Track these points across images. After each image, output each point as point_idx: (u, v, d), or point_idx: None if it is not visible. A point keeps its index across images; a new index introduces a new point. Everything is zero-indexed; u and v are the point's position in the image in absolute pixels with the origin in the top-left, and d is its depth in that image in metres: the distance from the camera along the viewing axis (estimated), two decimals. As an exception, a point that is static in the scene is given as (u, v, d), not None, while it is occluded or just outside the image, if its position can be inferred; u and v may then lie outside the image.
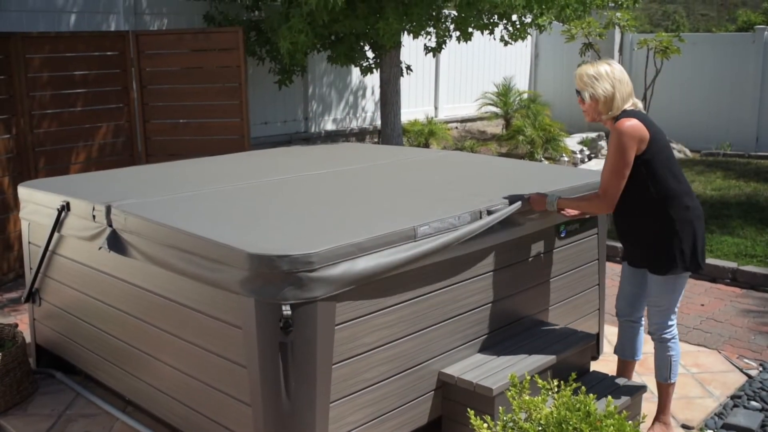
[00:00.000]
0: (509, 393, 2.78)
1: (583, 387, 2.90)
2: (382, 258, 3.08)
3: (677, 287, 3.65)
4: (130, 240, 3.49)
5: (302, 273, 2.85)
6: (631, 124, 3.46)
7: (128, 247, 3.51)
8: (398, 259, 3.13)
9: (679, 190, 3.55)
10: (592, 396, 2.75)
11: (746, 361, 4.70)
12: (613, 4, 9.10)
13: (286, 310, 2.83)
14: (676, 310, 3.72)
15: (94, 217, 3.73)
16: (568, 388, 2.81)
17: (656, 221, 3.56)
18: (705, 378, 4.45)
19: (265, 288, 2.86)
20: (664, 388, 3.79)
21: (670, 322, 3.70)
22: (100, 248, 3.64)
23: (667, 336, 3.72)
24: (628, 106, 3.57)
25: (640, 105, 3.61)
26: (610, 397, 2.86)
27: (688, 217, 3.55)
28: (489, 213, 3.57)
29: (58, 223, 4.03)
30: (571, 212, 3.84)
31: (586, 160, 10.51)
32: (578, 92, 3.62)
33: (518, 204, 3.70)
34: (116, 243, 3.58)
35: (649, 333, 3.79)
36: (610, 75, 3.55)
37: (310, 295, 2.87)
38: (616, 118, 3.54)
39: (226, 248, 2.94)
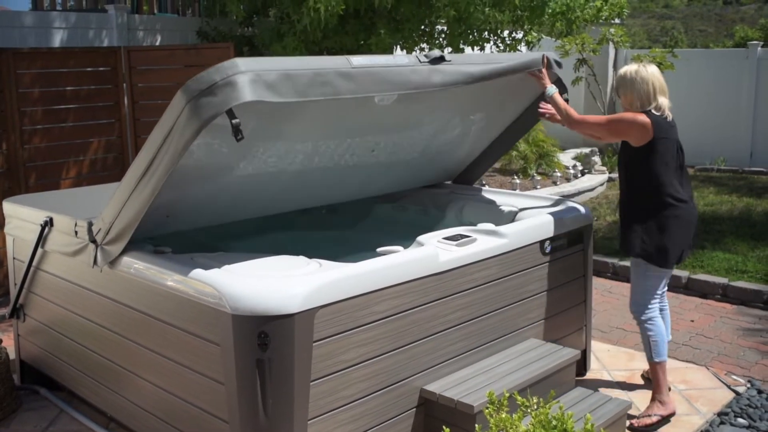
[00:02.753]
0: (486, 411, 2.76)
1: (561, 404, 2.89)
2: (317, 66, 3.09)
3: (647, 277, 4.11)
4: (111, 236, 3.49)
5: (235, 76, 2.85)
6: (643, 117, 3.96)
7: (111, 246, 3.51)
8: (330, 68, 3.13)
9: (673, 195, 3.97)
10: (570, 413, 2.73)
11: (734, 377, 4.68)
12: (600, 20, 9.15)
13: (235, 120, 2.86)
14: (652, 297, 4.12)
15: (76, 232, 3.73)
16: (547, 406, 2.80)
17: (640, 206, 4.04)
18: (692, 395, 4.42)
19: (209, 104, 2.84)
20: (653, 368, 4.14)
21: (642, 306, 4.13)
22: (95, 267, 3.64)
23: (641, 317, 4.14)
24: (651, 108, 4.00)
25: (664, 106, 4.03)
26: (588, 414, 2.84)
27: (665, 219, 3.98)
28: (426, 57, 3.56)
29: (41, 239, 4.02)
30: (547, 108, 4.33)
31: (579, 175, 10.51)
32: None
33: (532, 60, 4.10)
34: (104, 254, 3.58)
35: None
36: (632, 75, 4.04)
37: (249, 97, 2.85)
38: None
39: (169, 113, 2.99)
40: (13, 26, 6.94)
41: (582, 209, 4.43)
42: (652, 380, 4.16)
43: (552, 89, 4.22)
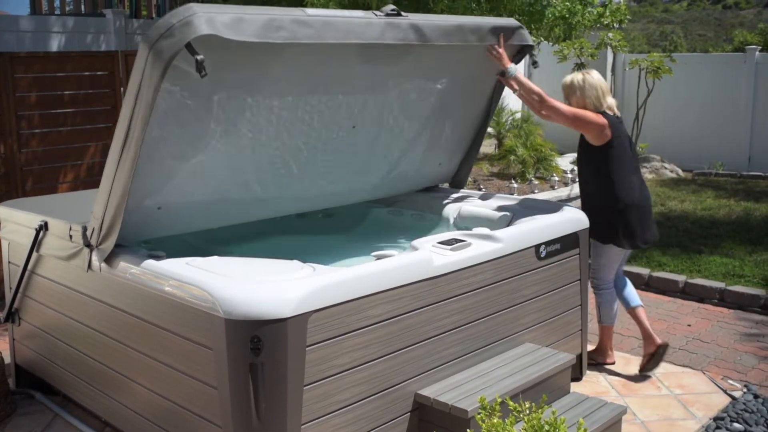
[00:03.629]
0: (478, 416, 2.76)
1: (554, 409, 2.88)
2: (271, 12, 3.25)
3: (601, 255, 4.66)
4: (104, 231, 3.50)
5: (191, 17, 3.00)
6: (603, 119, 4.41)
7: (105, 243, 3.51)
8: (285, 14, 3.26)
9: (624, 190, 4.44)
10: (563, 418, 2.73)
11: (731, 382, 4.67)
12: (600, 25, 9.15)
13: (199, 56, 2.98)
14: (608, 271, 4.69)
15: (70, 237, 3.73)
16: (540, 411, 2.79)
17: (597, 199, 4.54)
18: (688, 399, 4.42)
19: (170, 45, 2.99)
20: (601, 329, 4.86)
21: (599, 280, 4.73)
22: (89, 271, 3.63)
23: (598, 289, 4.77)
24: (604, 109, 4.45)
25: (613, 105, 4.49)
26: (581, 419, 2.84)
27: (615, 210, 4.46)
28: (382, 12, 3.68)
29: (36, 243, 4.02)
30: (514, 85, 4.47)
31: (577, 179, 10.50)
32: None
33: (501, 24, 4.24)
34: (99, 254, 3.58)
35: None
36: (579, 83, 4.47)
37: (206, 31, 2.98)
38: None
39: (136, 67, 3.15)
40: (11, 30, 6.96)
41: (578, 213, 4.43)
42: (599, 339, 4.88)
43: (513, 69, 4.35)
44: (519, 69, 4.35)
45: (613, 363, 4.87)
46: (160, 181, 3.54)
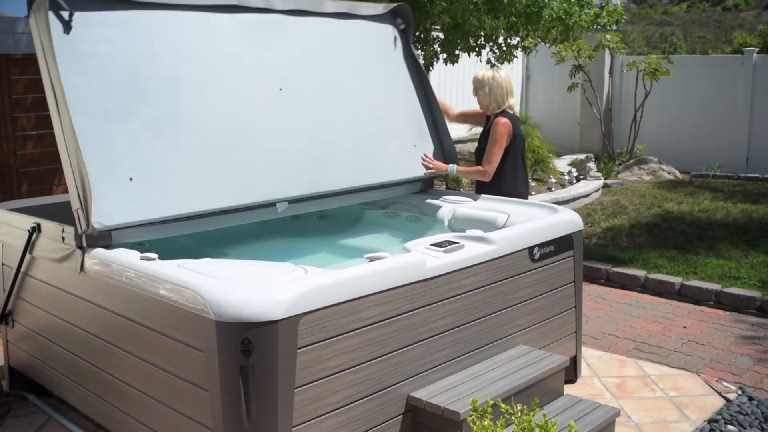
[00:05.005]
0: (470, 418, 2.75)
1: (546, 411, 2.88)
2: None
3: None
4: (85, 207, 3.55)
5: None
6: (506, 121, 4.85)
7: (88, 218, 3.53)
8: None
9: (519, 174, 4.95)
10: (554, 421, 2.72)
11: (725, 384, 4.66)
12: (598, 27, 9.16)
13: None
14: None
15: (63, 238, 3.73)
16: (531, 413, 2.79)
17: (493, 187, 4.90)
18: (682, 401, 4.41)
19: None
20: None
21: None
22: (81, 273, 3.64)
23: None
24: (506, 107, 4.90)
25: (513, 104, 4.94)
26: (572, 422, 2.83)
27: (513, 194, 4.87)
28: None
29: (29, 245, 4.02)
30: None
31: (575, 181, 10.51)
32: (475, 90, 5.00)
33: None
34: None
35: None
36: (489, 80, 4.89)
37: None
38: (497, 114, 4.91)
39: (34, 36, 3.71)
40: (6, 32, 6.95)
41: (572, 215, 4.42)
42: None
43: (452, 169, 4.92)
44: (455, 166, 4.96)
45: None
46: (114, 144, 3.59)
